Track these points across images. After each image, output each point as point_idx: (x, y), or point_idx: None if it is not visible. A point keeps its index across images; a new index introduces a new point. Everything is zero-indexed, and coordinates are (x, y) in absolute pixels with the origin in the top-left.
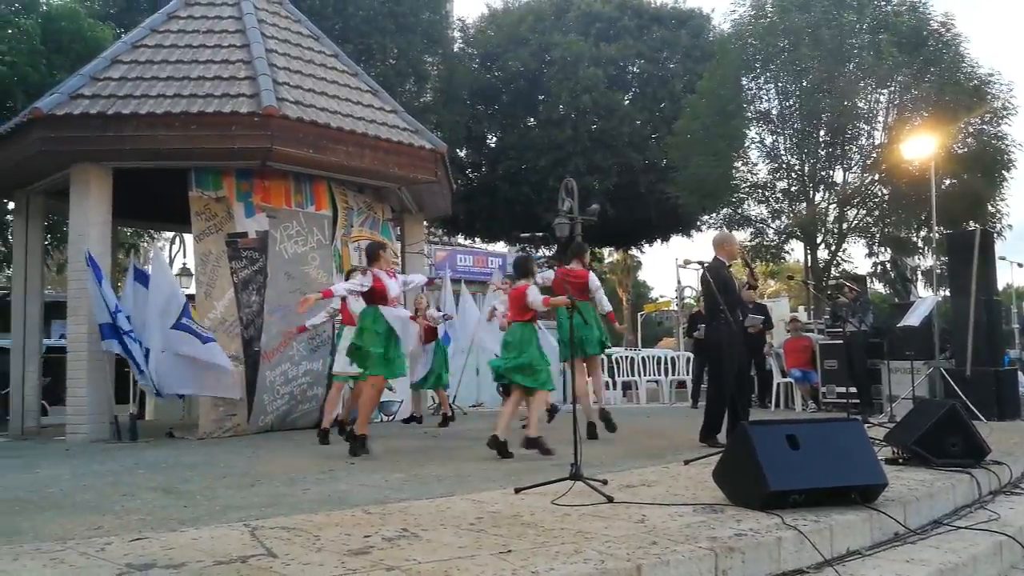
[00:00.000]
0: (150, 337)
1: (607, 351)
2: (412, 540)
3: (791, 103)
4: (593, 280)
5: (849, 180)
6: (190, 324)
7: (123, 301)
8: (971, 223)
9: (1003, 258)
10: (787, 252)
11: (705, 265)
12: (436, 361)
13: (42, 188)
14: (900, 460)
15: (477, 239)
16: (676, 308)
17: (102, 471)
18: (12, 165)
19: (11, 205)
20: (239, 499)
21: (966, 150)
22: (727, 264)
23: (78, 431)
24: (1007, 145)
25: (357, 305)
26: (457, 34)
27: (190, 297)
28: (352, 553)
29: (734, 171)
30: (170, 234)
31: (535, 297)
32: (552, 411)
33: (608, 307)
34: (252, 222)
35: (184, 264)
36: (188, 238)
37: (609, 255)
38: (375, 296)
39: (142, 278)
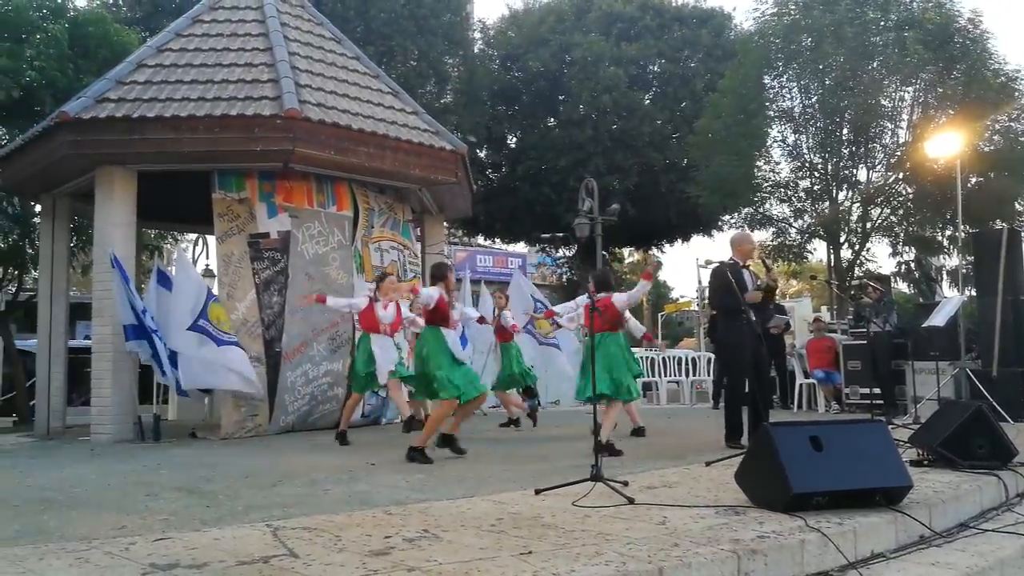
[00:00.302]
0: (172, 337)
1: None
2: (433, 541)
3: (813, 101)
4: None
5: (873, 179)
6: (206, 326)
7: (146, 303)
8: (997, 222)
9: None
10: (810, 252)
11: (720, 265)
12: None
13: (68, 190)
14: (925, 462)
15: (497, 240)
16: (697, 308)
17: (126, 471)
18: (39, 168)
19: (38, 207)
20: (261, 499)
21: (992, 148)
22: (742, 264)
23: (102, 431)
24: None
25: (385, 313)
26: (478, 35)
27: None
28: (373, 554)
29: (756, 170)
30: (193, 236)
31: (626, 297)
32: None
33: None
34: (274, 222)
35: (207, 265)
36: (211, 239)
37: (629, 255)
38: (439, 315)
39: (165, 281)
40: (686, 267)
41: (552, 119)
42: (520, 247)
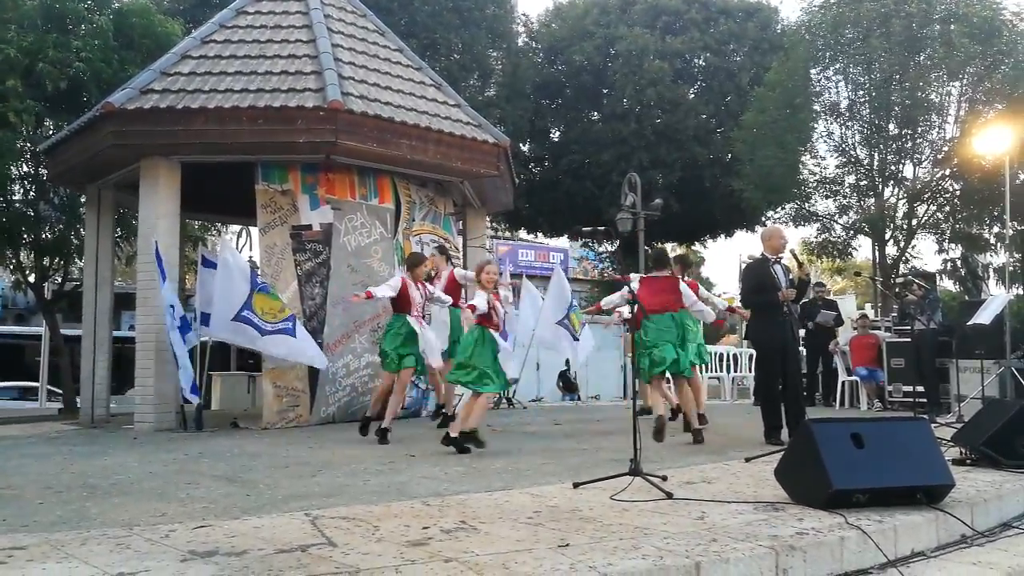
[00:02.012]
0: (215, 325)
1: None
2: (470, 532)
3: (860, 95)
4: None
5: (919, 175)
6: (251, 316)
7: (196, 292)
8: None
9: None
10: (854, 248)
11: (751, 261)
12: None
13: (113, 181)
14: (968, 461)
15: (539, 234)
16: (739, 304)
17: (168, 459)
18: (85, 159)
19: (84, 198)
20: (300, 489)
21: None
22: (772, 259)
23: (145, 420)
24: None
25: (418, 294)
26: (521, 29)
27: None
28: (411, 544)
29: (801, 165)
30: (236, 227)
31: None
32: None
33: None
34: (316, 215)
35: (250, 257)
36: (254, 231)
37: (672, 250)
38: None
39: (210, 265)
40: (728, 263)
41: (595, 113)
42: (562, 241)
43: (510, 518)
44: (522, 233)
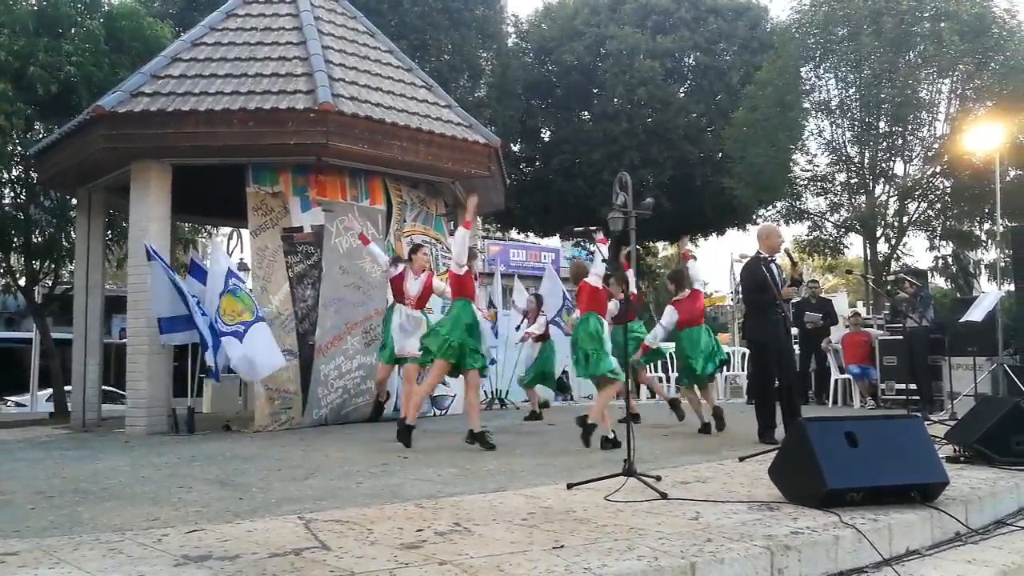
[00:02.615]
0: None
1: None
2: (464, 535)
3: (851, 93)
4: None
5: (910, 172)
6: (215, 318)
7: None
8: None
9: None
10: (846, 246)
11: (750, 260)
12: None
13: (104, 185)
14: (962, 458)
15: (530, 234)
16: (731, 303)
17: (160, 463)
18: (76, 162)
19: (74, 201)
20: (293, 492)
21: None
22: (769, 258)
23: (137, 423)
24: None
25: (413, 284)
26: (511, 29)
27: None
28: (405, 547)
29: (792, 163)
30: (227, 230)
31: (593, 275)
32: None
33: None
34: (308, 216)
35: (241, 259)
36: (245, 233)
37: (663, 249)
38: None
39: (197, 272)
40: (720, 261)
41: (586, 112)
42: (554, 241)
43: (504, 519)
44: (513, 233)
